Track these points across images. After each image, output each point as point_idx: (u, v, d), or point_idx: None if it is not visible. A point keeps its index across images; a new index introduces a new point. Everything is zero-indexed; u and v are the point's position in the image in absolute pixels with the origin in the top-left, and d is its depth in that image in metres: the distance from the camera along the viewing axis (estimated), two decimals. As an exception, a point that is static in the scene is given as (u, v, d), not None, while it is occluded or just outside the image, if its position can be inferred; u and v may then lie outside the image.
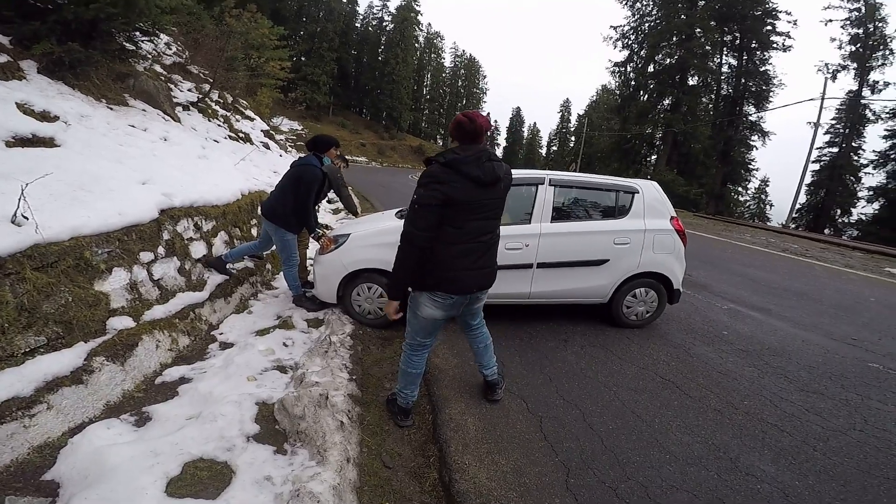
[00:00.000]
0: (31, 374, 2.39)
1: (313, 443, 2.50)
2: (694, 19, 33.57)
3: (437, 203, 2.43)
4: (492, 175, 2.50)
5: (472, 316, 3.05)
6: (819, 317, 5.85)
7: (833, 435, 3.08)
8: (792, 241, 15.51)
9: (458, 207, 2.47)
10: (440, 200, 2.42)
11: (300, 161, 4.50)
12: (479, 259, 2.65)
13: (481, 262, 2.66)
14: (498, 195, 2.62)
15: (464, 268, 2.60)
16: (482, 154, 2.50)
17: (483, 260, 2.67)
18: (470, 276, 2.65)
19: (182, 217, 4.26)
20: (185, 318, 3.76)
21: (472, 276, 2.66)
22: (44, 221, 2.76)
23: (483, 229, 2.62)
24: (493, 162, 2.53)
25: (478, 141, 2.54)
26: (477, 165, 2.46)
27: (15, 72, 4.33)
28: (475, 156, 2.47)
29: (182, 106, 8.08)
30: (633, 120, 38.27)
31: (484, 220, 2.60)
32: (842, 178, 32.80)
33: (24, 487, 2.07)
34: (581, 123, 65.13)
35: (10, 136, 3.39)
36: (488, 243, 2.68)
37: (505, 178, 2.62)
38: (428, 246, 2.51)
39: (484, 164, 2.48)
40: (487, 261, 2.71)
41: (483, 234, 2.63)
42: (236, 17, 13.01)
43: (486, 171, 2.47)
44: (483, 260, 2.67)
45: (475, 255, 2.63)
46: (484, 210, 2.57)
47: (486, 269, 2.72)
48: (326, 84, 58.42)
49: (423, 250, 2.51)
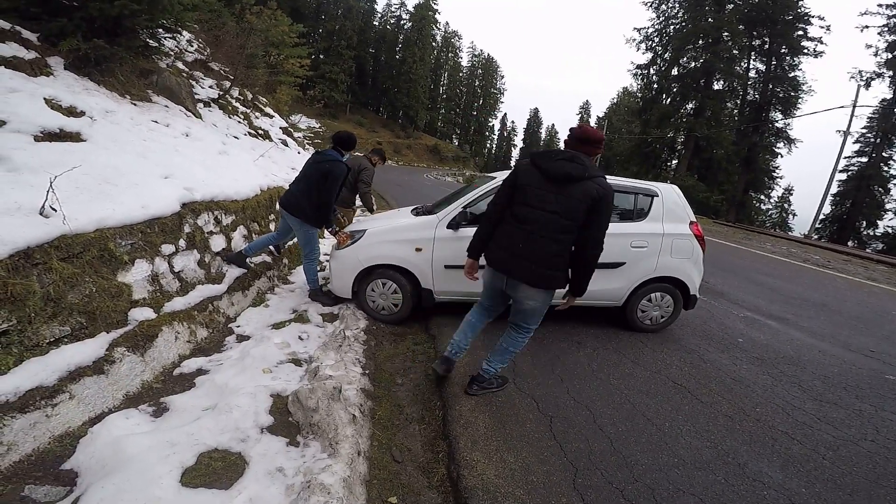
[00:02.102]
0: (55, 363, 2.45)
1: (325, 435, 2.55)
2: (721, 22, 32.73)
3: (509, 184, 2.87)
4: (559, 171, 2.68)
5: (516, 312, 3.09)
6: (838, 328, 5.76)
7: (844, 444, 3.05)
8: (814, 252, 15.22)
9: (520, 191, 2.80)
10: (511, 182, 2.86)
11: (327, 157, 4.48)
12: (516, 244, 2.79)
13: (516, 248, 2.79)
14: (563, 192, 2.68)
15: (499, 246, 2.89)
16: (560, 153, 2.76)
17: (519, 247, 2.78)
18: (501, 255, 2.88)
19: (203, 211, 4.35)
20: (204, 311, 3.84)
21: (503, 256, 2.86)
22: (70, 213, 2.84)
23: (529, 217, 2.75)
24: (569, 162, 2.69)
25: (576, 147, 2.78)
26: (549, 160, 2.75)
27: (43, 68, 4.44)
28: (553, 153, 2.79)
29: (203, 102, 8.20)
30: (654, 123, 37.59)
31: (537, 210, 2.73)
32: (870, 188, 31.98)
33: (43, 477, 2.12)
34: (601, 126, 64.66)
35: (38, 130, 3.49)
36: (531, 235, 2.75)
37: (580, 179, 2.65)
38: (496, 219, 2.94)
39: (555, 161, 2.73)
40: (524, 250, 2.77)
41: (528, 222, 2.76)
42: (257, 15, 13.15)
43: (554, 167, 2.70)
44: (519, 247, 2.78)
45: (513, 239, 2.81)
46: (541, 201, 2.72)
47: (520, 257, 2.79)
48: (344, 82, 58.90)
49: (492, 222, 2.95)
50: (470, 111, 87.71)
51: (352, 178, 5.60)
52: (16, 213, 2.62)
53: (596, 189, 2.63)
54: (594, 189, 2.63)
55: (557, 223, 2.70)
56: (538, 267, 2.76)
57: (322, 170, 4.39)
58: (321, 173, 4.38)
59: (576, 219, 2.67)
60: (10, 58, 4.11)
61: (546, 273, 2.78)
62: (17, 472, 2.09)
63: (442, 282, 4.46)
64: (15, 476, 2.07)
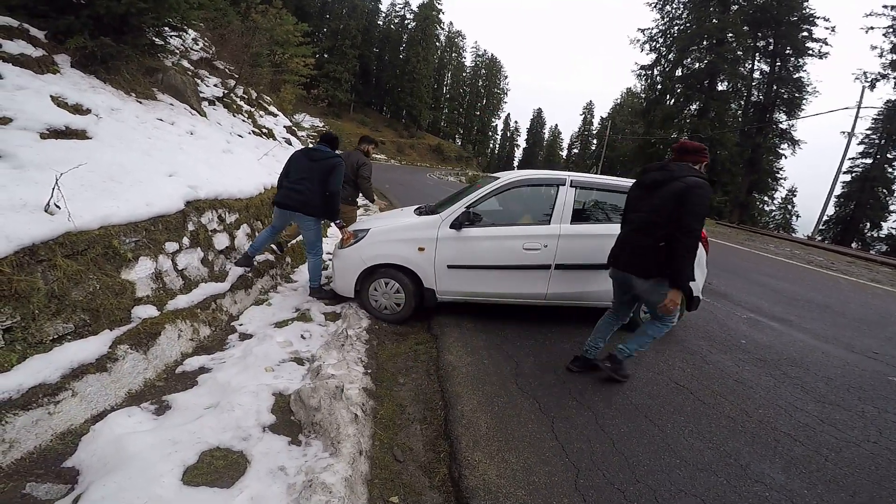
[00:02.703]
0: (59, 360, 2.45)
1: (327, 434, 2.55)
2: (726, 23, 32.57)
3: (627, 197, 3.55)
4: (649, 180, 3.22)
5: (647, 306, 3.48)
6: (841, 329, 5.74)
7: (846, 446, 3.04)
8: (817, 254, 15.15)
9: (628, 202, 3.51)
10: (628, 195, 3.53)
11: (327, 153, 4.55)
12: (628, 244, 3.34)
13: (627, 247, 3.34)
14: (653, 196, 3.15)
15: (618, 245, 3.49)
16: (654, 166, 3.32)
17: (629, 247, 3.31)
18: (615, 253, 3.49)
19: (207, 209, 4.36)
20: (207, 309, 3.85)
21: (615, 253, 3.48)
22: (75, 210, 2.86)
23: (631, 220, 3.38)
24: (658, 171, 3.21)
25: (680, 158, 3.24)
26: (644, 173, 3.33)
27: (50, 65, 4.46)
28: (649, 167, 3.35)
29: (208, 101, 8.23)
30: (657, 124, 37.44)
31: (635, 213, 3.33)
32: (874, 190, 31.89)
33: (45, 474, 2.12)
34: (604, 126, 64.53)
35: (44, 128, 3.51)
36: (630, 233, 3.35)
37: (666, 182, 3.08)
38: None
39: (649, 172, 3.28)
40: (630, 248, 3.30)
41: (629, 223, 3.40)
42: (262, 14, 13.15)
43: (647, 178, 3.26)
44: (629, 247, 3.31)
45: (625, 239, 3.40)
46: (639, 209, 3.29)
47: (626, 255, 3.33)
48: (348, 81, 58.94)
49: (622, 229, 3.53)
50: (473, 111, 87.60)
51: (351, 174, 5.63)
52: (21, 209, 2.64)
53: (680, 185, 2.99)
54: (678, 186, 3.00)
55: (648, 220, 3.17)
56: (637, 259, 3.23)
57: (329, 165, 4.45)
58: (328, 168, 4.44)
59: (663, 215, 3.04)
60: (17, 55, 4.13)
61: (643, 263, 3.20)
62: (19, 470, 2.10)
63: (444, 282, 4.46)
64: (16, 473, 2.08)
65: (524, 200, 4.84)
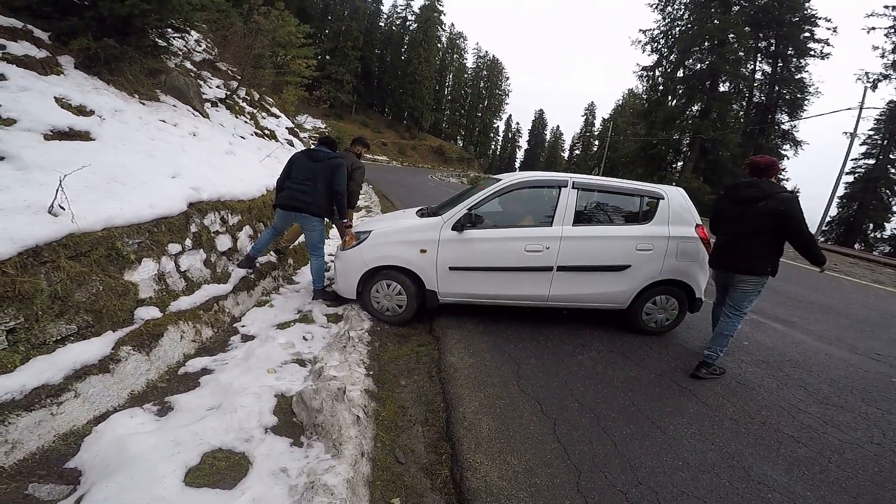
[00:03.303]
0: (61, 362, 2.46)
1: (329, 436, 2.55)
2: (727, 24, 32.60)
3: (715, 208, 4.15)
4: (745, 196, 3.75)
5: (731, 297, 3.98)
6: (844, 331, 5.72)
7: (849, 447, 3.03)
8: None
9: (719, 214, 4.05)
10: (716, 207, 4.14)
11: (328, 154, 4.64)
12: (726, 248, 3.94)
13: (725, 251, 3.95)
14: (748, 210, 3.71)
15: (717, 248, 4.08)
16: (744, 184, 3.85)
17: (727, 249, 3.92)
18: (716, 256, 4.09)
19: (209, 210, 4.37)
20: (209, 310, 3.86)
21: (716, 256, 4.07)
22: (79, 212, 2.86)
23: (730, 230, 3.88)
24: (752, 189, 3.72)
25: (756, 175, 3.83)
26: (736, 190, 3.89)
27: (53, 67, 4.48)
28: (740, 184, 3.89)
29: (211, 102, 8.24)
30: (659, 125, 37.49)
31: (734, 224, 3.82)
32: (877, 191, 31.79)
33: (47, 475, 2.13)
34: (606, 127, 64.48)
35: (48, 129, 3.52)
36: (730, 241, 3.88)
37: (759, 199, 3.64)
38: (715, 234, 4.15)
39: (742, 190, 3.81)
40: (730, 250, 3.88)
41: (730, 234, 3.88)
42: (264, 15, 13.16)
43: (741, 195, 3.80)
44: (727, 249, 3.92)
45: (724, 245, 3.96)
46: (734, 220, 3.82)
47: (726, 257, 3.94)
48: (350, 83, 58.97)
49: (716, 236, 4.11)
50: (475, 112, 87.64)
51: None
52: (25, 211, 2.64)
53: (777, 205, 3.55)
54: (775, 205, 3.56)
55: (743, 230, 3.75)
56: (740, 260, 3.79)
57: (332, 165, 4.53)
58: (331, 168, 4.52)
59: (761, 227, 3.64)
60: (21, 56, 4.15)
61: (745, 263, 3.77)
62: (22, 470, 2.10)
63: (446, 283, 4.46)
64: (19, 474, 2.08)
65: (526, 202, 4.84)
